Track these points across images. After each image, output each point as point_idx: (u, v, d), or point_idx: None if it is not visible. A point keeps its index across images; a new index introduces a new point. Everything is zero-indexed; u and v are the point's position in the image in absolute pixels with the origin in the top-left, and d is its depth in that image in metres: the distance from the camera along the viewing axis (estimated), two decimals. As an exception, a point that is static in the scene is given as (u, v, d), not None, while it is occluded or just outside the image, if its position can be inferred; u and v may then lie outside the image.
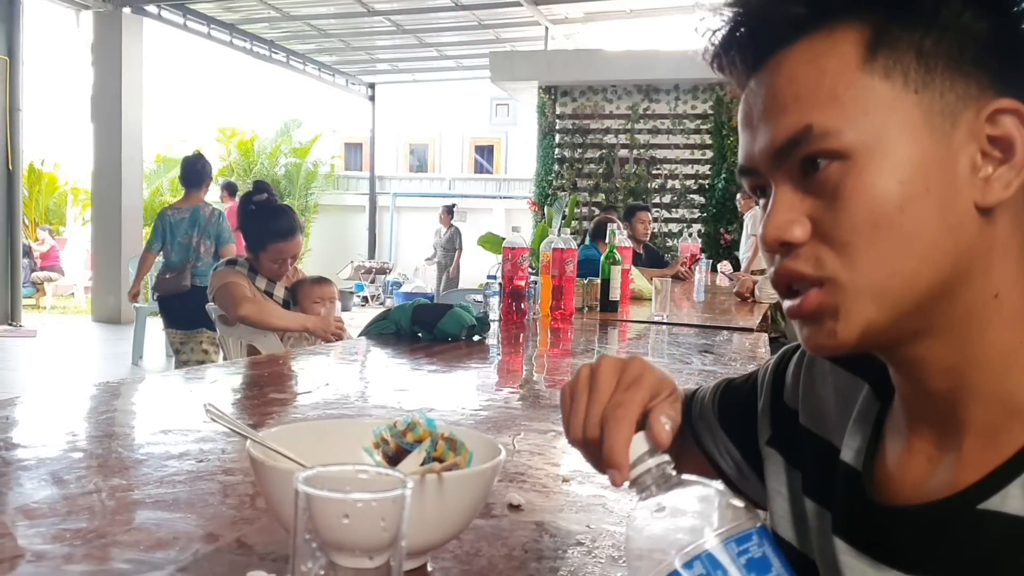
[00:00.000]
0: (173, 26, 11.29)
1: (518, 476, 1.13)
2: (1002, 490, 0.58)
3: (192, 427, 1.32)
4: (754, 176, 0.67)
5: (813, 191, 0.62)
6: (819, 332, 0.63)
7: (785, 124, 0.62)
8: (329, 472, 0.52)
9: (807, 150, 0.61)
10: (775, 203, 0.64)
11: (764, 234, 0.64)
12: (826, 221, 0.61)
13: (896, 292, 0.60)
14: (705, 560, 0.52)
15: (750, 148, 0.66)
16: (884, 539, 0.65)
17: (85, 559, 0.80)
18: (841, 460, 0.72)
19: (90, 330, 10.44)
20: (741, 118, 0.68)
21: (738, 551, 0.52)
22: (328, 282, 3.31)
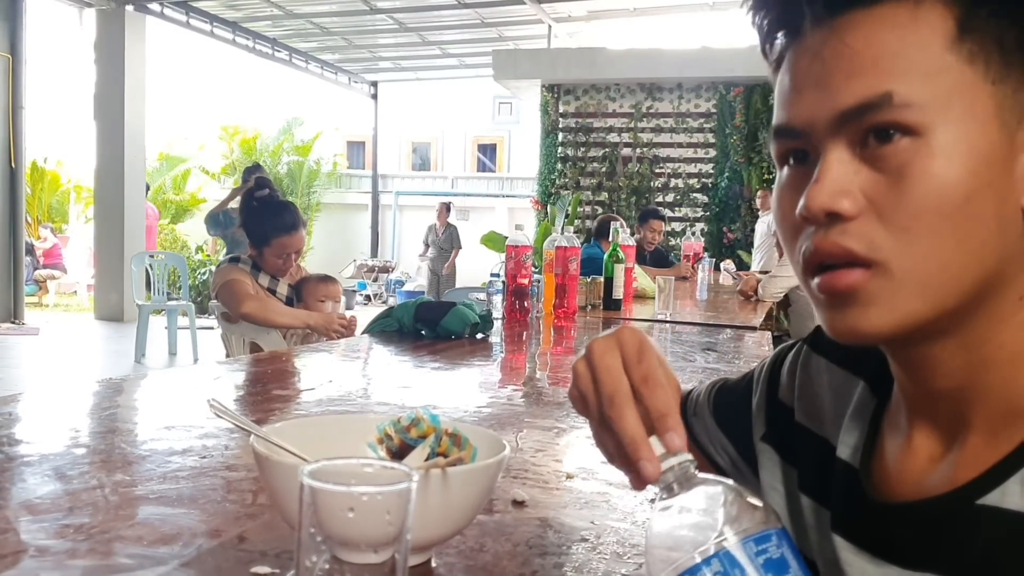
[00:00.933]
0: (176, 24, 11.29)
1: (522, 472, 1.13)
2: (1001, 485, 0.57)
3: (195, 423, 1.31)
4: (793, 139, 0.62)
5: (873, 164, 0.58)
6: (851, 314, 0.59)
7: (859, 87, 0.57)
8: (334, 466, 0.52)
9: (882, 118, 0.56)
10: (826, 169, 0.58)
11: (809, 201, 0.58)
12: (886, 200, 0.57)
13: (942, 286, 0.57)
14: (723, 558, 0.51)
15: (801, 107, 0.61)
16: (883, 536, 0.65)
17: (88, 554, 0.79)
18: (838, 457, 0.72)
19: (93, 328, 10.45)
20: (793, 72, 0.62)
21: (756, 551, 0.51)
22: (333, 280, 3.32)
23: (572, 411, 1.55)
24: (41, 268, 14.38)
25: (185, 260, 10.21)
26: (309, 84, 15.96)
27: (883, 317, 0.59)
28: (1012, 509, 0.56)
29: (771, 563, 0.51)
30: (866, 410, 0.72)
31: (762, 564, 0.51)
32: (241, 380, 1.88)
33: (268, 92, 19.77)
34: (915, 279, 0.57)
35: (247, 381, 1.87)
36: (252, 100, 20.07)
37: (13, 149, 10.12)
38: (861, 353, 0.74)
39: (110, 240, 10.62)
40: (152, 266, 8.85)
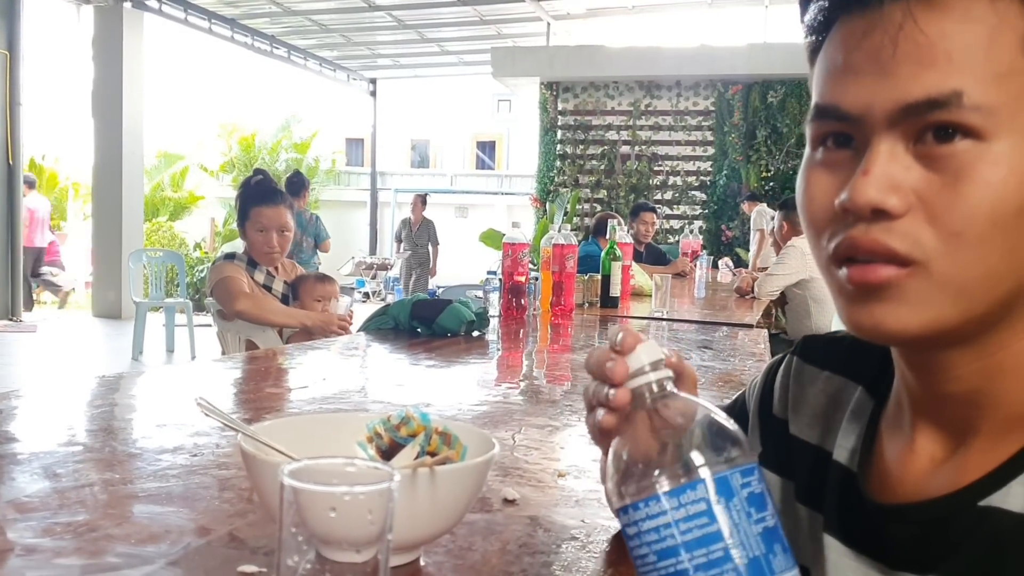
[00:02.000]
0: (174, 21, 11.28)
1: (514, 471, 1.12)
2: (1004, 487, 0.57)
3: (187, 421, 1.31)
4: (840, 121, 0.58)
5: (928, 162, 0.55)
6: (879, 310, 0.57)
7: (929, 80, 0.54)
8: (316, 465, 0.51)
9: (947, 117, 0.53)
10: (877, 162, 0.55)
11: (856, 194, 0.55)
12: (939, 201, 0.54)
13: (977, 295, 0.56)
14: (718, 482, 0.49)
15: (857, 91, 0.57)
16: (880, 537, 0.64)
17: (75, 553, 0.79)
18: (834, 461, 0.71)
19: (90, 325, 10.44)
20: (847, 50, 0.58)
21: (743, 483, 0.50)
22: (330, 279, 3.30)
23: (567, 409, 1.56)
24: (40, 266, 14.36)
25: (183, 258, 10.21)
26: (307, 81, 15.95)
27: (912, 317, 0.57)
28: (1014, 511, 0.56)
29: (754, 497, 0.50)
30: (863, 413, 0.71)
31: (746, 497, 0.49)
32: (235, 378, 1.88)
33: (266, 89, 19.77)
34: (954, 284, 0.56)
35: (241, 379, 1.86)
36: (250, 97, 20.07)
37: (11, 146, 10.10)
38: (856, 358, 0.74)
39: (108, 238, 10.61)
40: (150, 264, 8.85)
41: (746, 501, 0.49)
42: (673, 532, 0.48)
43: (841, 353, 0.77)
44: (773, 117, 10.51)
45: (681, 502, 0.48)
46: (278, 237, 3.13)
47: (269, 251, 3.13)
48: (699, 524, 0.48)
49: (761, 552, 0.48)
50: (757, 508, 0.49)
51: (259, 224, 3.12)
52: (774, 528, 0.50)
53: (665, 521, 0.49)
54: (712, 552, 0.47)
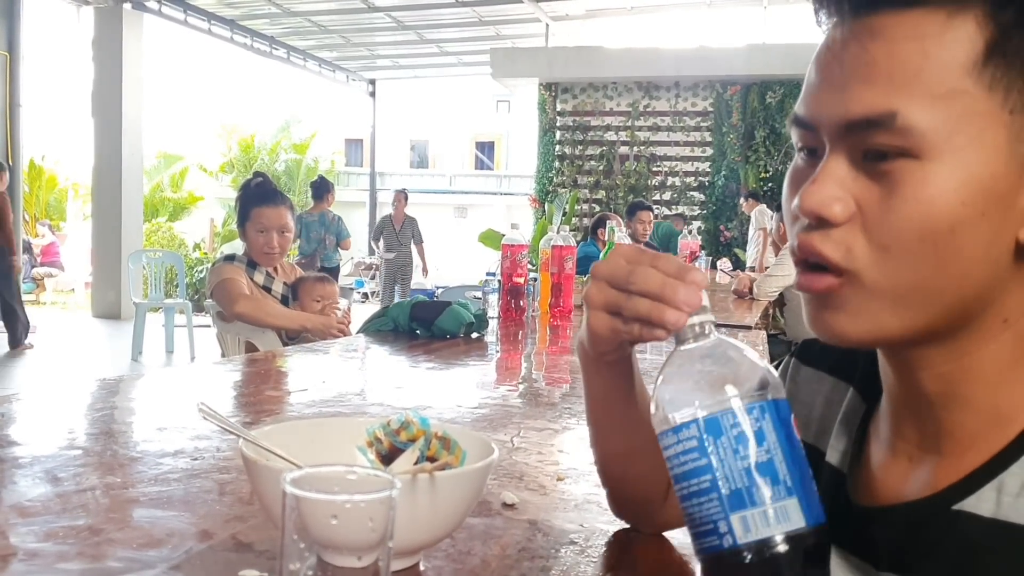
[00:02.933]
0: (174, 22, 11.29)
1: (513, 474, 1.13)
2: (976, 492, 0.58)
3: (188, 425, 1.31)
4: (805, 129, 0.62)
5: (871, 175, 0.57)
6: (827, 316, 0.61)
7: (868, 99, 0.56)
8: (317, 473, 0.52)
9: (881, 140, 0.56)
10: (824, 172, 0.59)
11: (803, 200, 0.59)
12: (873, 213, 0.57)
13: (915, 305, 0.58)
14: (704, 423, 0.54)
15: (815, 103, 0.60)
16: (863, 538, 0.66)
17: (78, 557, 0.80)
18: (826, 462, 0.73)
19: (90, 326, 10.45)
20: (819, 63, 0.61)
21: (734, 421, 0.54)
22: (329, 281, 3.30)
23: (566, 412, 1.56)
24: (39, 266, 14.37)
25: (182, 258, 10.22)
26: (307, 82, 15.96)
27: (854, 324, 0.60)
28: (985, 516, 0.58)
29: (741, 436, 0.54)
30: (855, 416, 0.73)
31: (736, 435, 0.54)
32: (235, 381, 1.88)
33: (266, 90, 19.78)
34: (885, 294, 0.58)
35: (241, 382, 1.87)
36: (250, 98, 20.08)
37: (10, 147, 10.10)
38: (851, 360, 0.75)
39: (107, 238, 10.62)
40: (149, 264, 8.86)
41: (735, 438, 0.54)
42: (680, 462, 0.56)
43: (837, 356, 0.78)
44: (772, 118, 10.52)
45: (680, 439, 0.55)
46: (278, 237, 3.13)
47: (269, 251, 3.13)
48: (692, 459, 0.55)
49: (743, 484, 0.53)
50: (747, 444, 0.54)
51: (259, 224, 3.12)
52: (769, 461, 0.54)
53: (676, 451, 0.56)
54: (701, 482, 0.54)
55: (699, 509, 0.54)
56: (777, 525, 0.52)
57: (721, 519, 0.53)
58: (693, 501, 0.54)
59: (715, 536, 0.53)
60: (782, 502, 0.53)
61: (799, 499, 0.54)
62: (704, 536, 0.54)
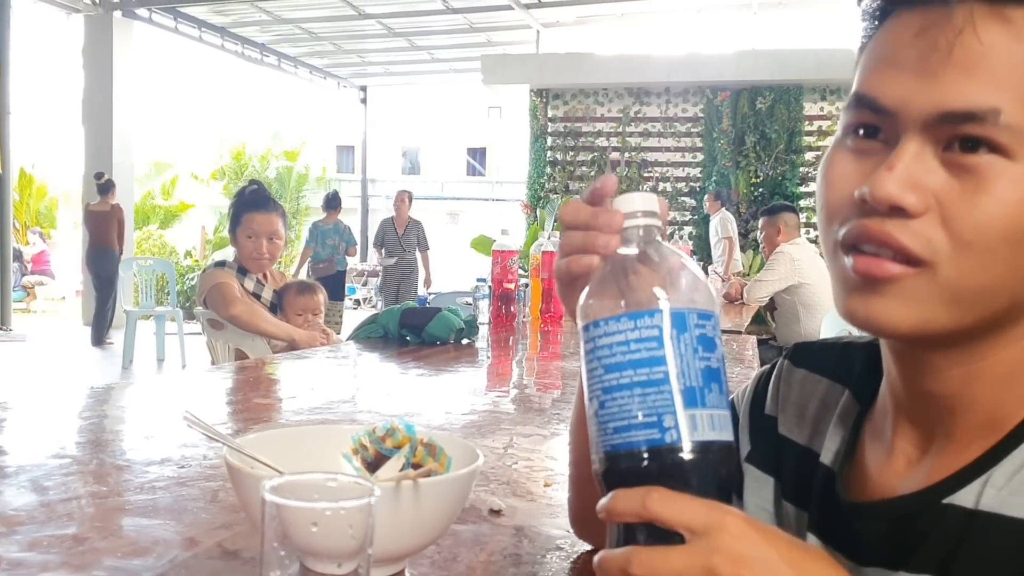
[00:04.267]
0: (164, 29, 11.28)
1: (501, 480, 1.13)
2: (967, 486, 0.59)
3: (175, 433, 1.31)
4: (875, 113, 0.59)
5: (953, 168, 0.56)
6: (876, 302, 0.59)
7: (970, 91, 0.54)
8: (297, 480, 0.52)
9: (980, 132, 0.54)
10: (903, 159, 0.56)
11: (877, 187, 0.56)
12: (956, 208, 0.55)
13: (973, 305, 0.57)
14: (674, 316, 0.53)
15: (898, 87, 0.57)
16: (852, 535, 0.67)
17: (62, 567, 0.79)
18: (820, 463, 0.73)
19: (81, 334, 10.41)
20: (900, 46, 0.58)
21: (697, 323, 0.53)
22: (313, 291, 3.27)
23: (555, 417, 1.57)
24: (29, 274, 14.32)
25: (173, 266, 10.19)
26: (298, 89, 15.96)
27: (905, 316, 0.58)
28: (976, 508, 0.58)
29: (705, 338, 0.53)
30: (849, 416, 0.73)
31: (697, 336, 0.53)
32: (224, 388, 1.88)
33: (257, 97, 19.76)
34: (954, 291, 0.57)
35: (229, 389, 1.86)
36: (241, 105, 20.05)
37: (0, 155, 10.07)
38: (846, 363, 0.76)
39: (98, 246, 10.57)
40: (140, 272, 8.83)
41: (696, 339, 0.53)
42: (626, 350, 0.53)
43: (831, 359, 0.79)
44: (762, 123, 10.55)
45: (638, 325, 0.53)
46: (268, 244, 3.12)
47: (258, 257, 3.13)
48: (648, 347, 0.53)
49: (699, 385, 0.52)
50: (705, 348, 0.53)
51: (249, 230, 3.12)
52: (717, 370, 0.54)
53: (620, 339, 0.53)
54: (655, 372, 0.52)
55: (641, 401, 0.52)
56: (718, 431, 0.52)
57: (669, 413, 0.51)
58: (635, 391, 0.52)
59: (655, 429, 0.51)
60: (723, 411, 0.53)
61: (730, 415, 0.54)
62: (638, 429, 0.52)
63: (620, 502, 0.51)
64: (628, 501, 0.50)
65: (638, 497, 0.50)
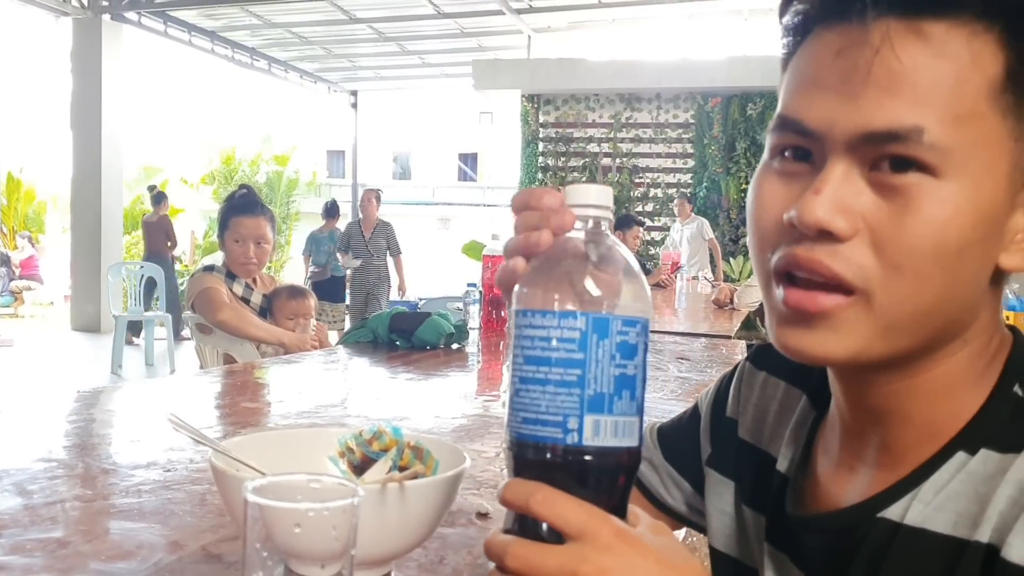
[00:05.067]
0: (154, 33, 11.25)
1: (489, 484, 1.13)
2: (899, 500, 0.60)
3: (161, 436, 1.31)
4: (800, 135, 0.58)
5: (880, 189, 0.55)
6: (809, 336, 0.58)
7: (892, 111, 0.53)
8: (280, 481, 0.52)
9: (905, 151, 0.53)
10: (829, 182, 0.55)
11: (804, 211, 0.55)
12: (885, 230, 0.54)
13: (907, 332, 0.57)
14: (596, 322, 0.53)
15: (821, 109, 0.56)
16: (799, 546, 0.67)
17: (46, 570, 0.79)
18: (777, 470, 0.73)
19: (69, 339, 10.36)
20: (823, 67, 0.57)
21: (620, 330, 0.53)
22: (303, 295, 3.27)
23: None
24: (17, 279, 14.24)
25: (162, 271, 10.14)
26: (289, 93, 15.94)
27: (839, 347, 0.57)
28: (901, 522, 0.59)
29: (625, 345, 0.53)
30: (805, 423, 0.73)
31: (617, 343, 0.53)
32: (212, 392, 1.87)
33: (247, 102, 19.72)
34: (888, 318, 0.56)
35: (218, 393, 1.86)
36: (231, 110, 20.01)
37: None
38: (805, 369, 0.75)
39: (87, 250, 10.54)
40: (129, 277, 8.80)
41: (616, 346, 0.53)
42: (545, 345, 0.53)
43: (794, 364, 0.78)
44: (753, 129, 10.58)
45: (560, 324, 0.53)
46: (255, 248, 3.11)
47: (245, 262, 3.12)
48: (567, 348, 0.53)
49: (609, 391, 0.53)
50: (623, 355, 0.53)
51: (236, 234, 3.11)
52: (632, 377, 0.54)
53: (542, 334, 0.53)
54: (568, 374, 0.53)
55: (551, 399, 0.52)
56: (622, 438, 0.53)
57: (574, 416, 0.52)
58: (547, 388, 0.53)
59: (559, 429, 0.52)
60: (630, 418, 0.53)
61: (639, 420, 0.54)
62: (543, 424, 0.53)
63: (510, 492, 0.52)
64: (517, 493, 0.51)
65: (525, 492, 0.51)
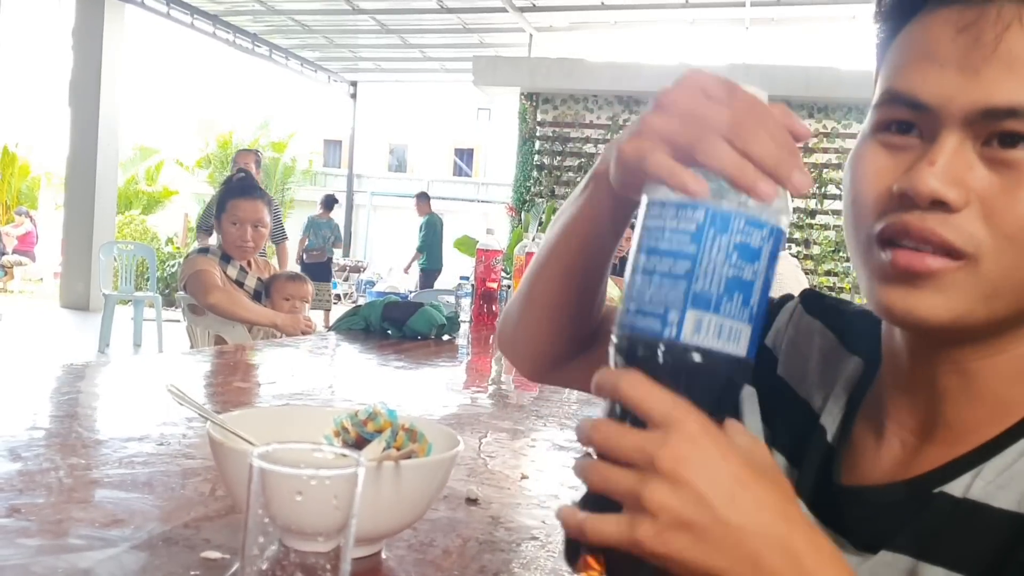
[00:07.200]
0: (156, 14, 11.20)
1: (478, 471, 1.14)
2: (961, 477, 0.59)
3: (154, 411, 1.31)
4: (912, 110, 0.59)
5: (992, 163, 0.56)
6: (915, 296, 0.58)
7: (1014, 88, 0.54)
8: (284, 449, 0.52)
9: (1021, 127, 0.55)
10: (942, 154, 0.56)
11: (918, 182, 0.56)
12: (997, 202, 0.56)
13: (1009, 300, 0.58)
14: (716, 216, 0.50)
15: (939, 84, 0.57)
16: (841, 514, 0.66)
17: (39, 534, 0.80)
18: (821, 426, 0.72)
19: (57, 316, 10.33)
20: (940, 42, 0.58)
21: (742, 229, 0.50)
22: (302, 280, 3.28)
23: (532, 414, 1.58)
24: (9, 254, 14.18)
25: (154, 252, 10.12)
26: (288, 81, 15.90)
27: (945, 308, 0.58)
28: (957, 495, 0.59)
29: (745, 247, 0.50)
30: (853, 387, 0.72)
31: (737, 242, 0.50)
32: (203, 371, 1.88)
33: (246, 87, 19.67)
34: (994, 283, 0.57)
35: (209, 372, 1.86)
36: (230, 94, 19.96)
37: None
38: (856, 331, 0.74)
39: (79, 228, 10.49)
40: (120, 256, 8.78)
41: (735, 245, 0.50)
42: (659, 237, 0.51)
43: (844, 319, 0.77)
44: (750, 137, 10.60)
45: (679, 215, 0.51)
46: (252, 231, 3.11)
47: (242, 244, 3.12)
48: (680, 240, 0.50)
49: (718, 290, 0.50)
50: (741, 256, 0.50)
51: (234, 216, 3.11)
52: (749, 283, 0.50)
53: (659, 225, 0.51)
54: (677, 265, 0.50)
55: (657, 289, 0.50)
56: (725, 342, 0.50)
57: (676, 309, 0.49)
58: (655, 279, 0.50)
59: (658, 321, 0.50)
60: (739, 324, 0.50)
61: (752, 330, 0.51)
62: (644, 315, 0.50)
63: (603, 377, 0.51)
64: (608, 378, 0.51)
65: (615, 376, 0.50)
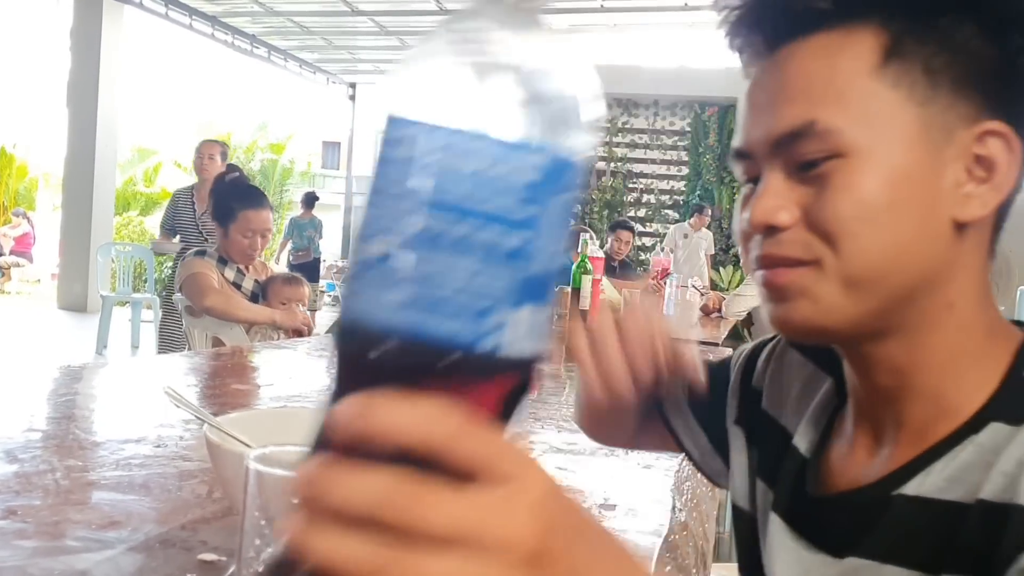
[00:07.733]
0: (155, 15, 11.20)
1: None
2: (915, 477, 0.62)
3: (151, 413, 1.31)
4: (747, 162, 0.68)
5: (805, 181, 0.63)
6: (784, 307, 0.65)
7: (789, 115, 0.62)
8: (281, 452, 0.53)
9: (809, 146, 0.62)
10: (764, 188, 0.64)
11: (752, 215, 0.64)
12: (814, 210, 0.62)
13: (868, 286, 0.62)
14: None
15: (749, 132, 0.67)
16: (816, 523, 0.70)
17: (36, 535, 0.80)
18: (793, 446, 0.76)
19: (55, 317, 10.31)
20: (746, 101, 0.68)
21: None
22: (299, 282, 3.27)
23: (529, 416, 1.57)
24: (6, 255, 14.16)
25: (152, 253, 10.11)
26: (286, 82, 15.89)
27: (814, 310, 0.63)
28: (911, 494, 0.62)
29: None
30: (828, 408, 0.76)
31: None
32: (201, 373, 1.88)
33: (244, 89, 19.67)
34: (844, 275, 0.62)
35: (207, 374, 1.86)
36: (228, 96, 19.96)
37: (-19, 133, 9.97)
38: (832, 354, 0.78)
39: (77, 229, 10.47)
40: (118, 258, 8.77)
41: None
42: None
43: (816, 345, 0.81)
44: (748, 140, 10.62)
45: None
46: (260, 240, 3.15)
47: (252, 253, 3.14)
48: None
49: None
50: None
51: (246, 228, 3.10)
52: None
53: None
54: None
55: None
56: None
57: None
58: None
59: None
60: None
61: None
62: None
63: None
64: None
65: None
